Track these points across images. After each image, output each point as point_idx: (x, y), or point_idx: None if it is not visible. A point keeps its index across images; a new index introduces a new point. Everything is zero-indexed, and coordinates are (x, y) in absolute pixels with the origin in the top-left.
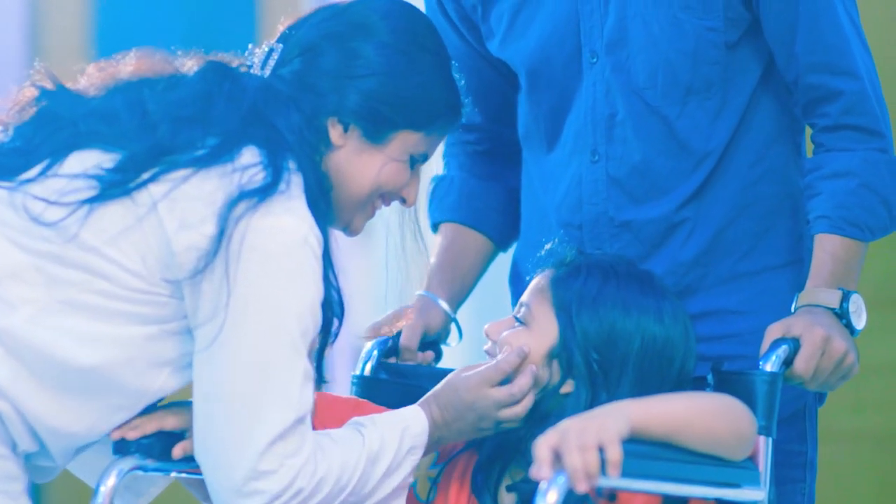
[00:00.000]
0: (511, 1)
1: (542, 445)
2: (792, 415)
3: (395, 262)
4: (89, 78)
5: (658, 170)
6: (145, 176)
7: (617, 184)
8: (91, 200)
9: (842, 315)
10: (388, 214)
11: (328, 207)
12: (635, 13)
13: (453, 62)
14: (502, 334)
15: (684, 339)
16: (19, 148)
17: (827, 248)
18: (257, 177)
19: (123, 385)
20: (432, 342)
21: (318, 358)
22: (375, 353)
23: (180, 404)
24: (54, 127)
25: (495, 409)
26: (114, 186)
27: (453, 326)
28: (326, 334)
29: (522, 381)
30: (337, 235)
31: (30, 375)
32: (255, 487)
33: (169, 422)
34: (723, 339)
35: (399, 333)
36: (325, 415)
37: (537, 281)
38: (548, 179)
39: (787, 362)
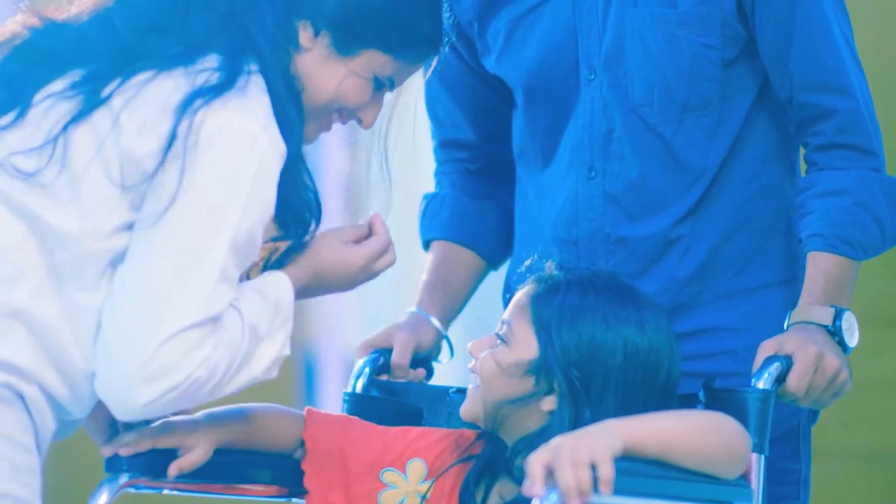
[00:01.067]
0: (508, 17)
1: (535, 462)
2: (786, 433)
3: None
4: (78, 4)
5: (654, 187)
6: (110, 88)
7: (613, 200)
8: (64, 128)
9: (834, 332)
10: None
11: (298, 110)
12: (633, 30)
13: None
14: (482, 353)
15: (668, 348)
16: None
17: (820, 265)
18: (213, 77)
19: None
20: (423, 359)
21: (285, 257)
22: (367, 370)
23: (175, 422)
24: (31, 61)
25: (370, 261)
26: (83, 104)
27: (444, 343)
28: (303, 234)
29: (380, 230)
30: None
31: (48, 353)
32: (153, 375)
33: (163, 440)
34: (717, 356)
35: (390, 350)
36: (317, 430)
37: (518, 298)
38: (543, 196)
39: (780, 379)
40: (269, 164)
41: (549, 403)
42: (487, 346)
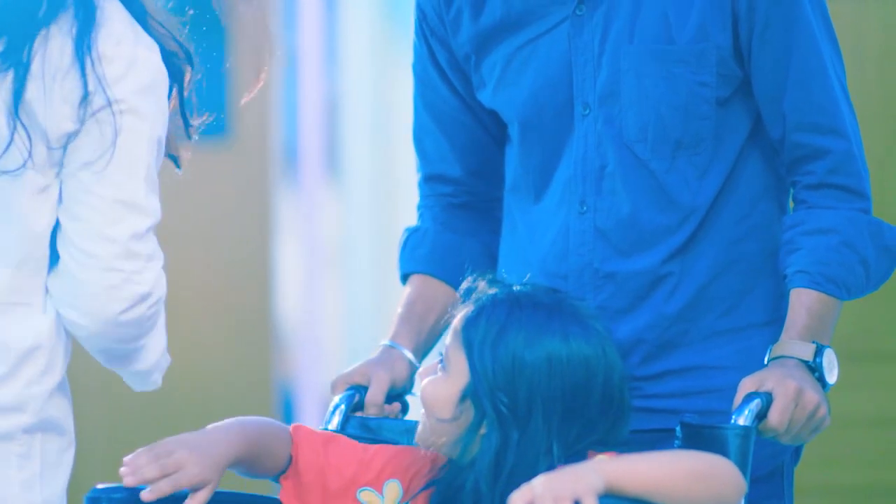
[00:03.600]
0: (505, 50)
1: (518, 500)
2: (770, 472)
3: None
4: None
5: (645, 223)
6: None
7: (603, 235)
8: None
9: (814, 368)
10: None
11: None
12: (629, 66)
13: None
14: (423, 382)
15: (600, 354)
16: None
17: (804, 301)
18: (76, 19)
19: None
20: (398, 394)
21: (182, 112)
22: (343, 407)
23: (179, 451)
24: None
25: None
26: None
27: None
28: (181, 84)
29: None
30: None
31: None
32: (120, 282)
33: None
34: (704, 393)
35: (366, 388)
36: (300, 447)
37: (454, 322)
38: (534, 229)
39: (760, 416)
40: (159, 69)
41: (483, 429)
42: (432, 372)
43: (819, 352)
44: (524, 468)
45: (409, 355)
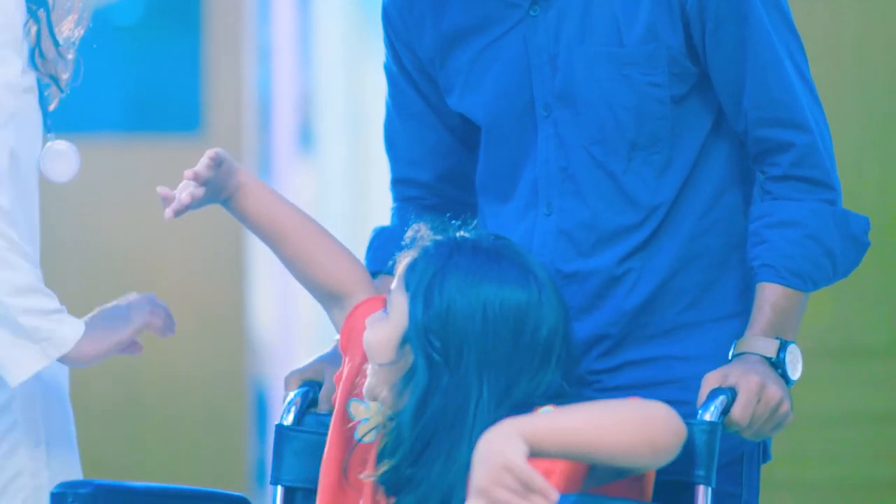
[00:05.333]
0: (468, 54)
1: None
2: (729, 461)
3: None
4: None
5: (605, 224)
6: None
7: (566, 236)
8: None
9: (777, 364)
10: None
11: None
12: (581, 68)
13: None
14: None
15: (535, 302)
16: None
17: (768, 297)
18: None
19: None
20: None
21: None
22: (297, 403)
23: None
24: None
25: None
26: None
27: None
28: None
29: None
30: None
31: None
32: None
33: None
34: (665, 384)
35: (320, 384)
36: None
37: (398, 267)
38: (503, 231)
39: (724, 411)
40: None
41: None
42: (378, 319)
43: (782, 347)
44: (451, 413)
45: None
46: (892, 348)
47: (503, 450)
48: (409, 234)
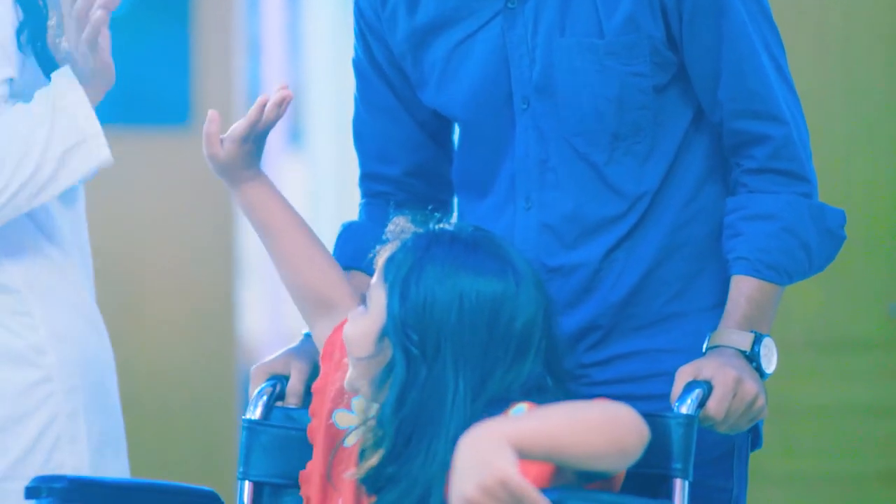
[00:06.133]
0: (443, 48)
1: None
2: (720, 455)
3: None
4: None
5: (590, 215)
6: None
7: (549, 229)
8: None
9: (752, 358)
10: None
11: None
12: (562, 60)
13: None
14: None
15: (512, 294)
16: None
17: (743, 289)
18: None
19: None
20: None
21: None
22: (265, 396)
23: None
24: None
25: None
26: None
27: None
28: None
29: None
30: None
31: None
32: None
33: None
34: (652, 377)
35: (287, 377)
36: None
37: (378, 259)
38: (482, 226)
39: (700, 404)
40: None
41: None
42: (358, 313)
43: (757, 341)
44: (430, 408)
45: None
46: (881, 341)
47: (494, 461)
48: (390, 227)
